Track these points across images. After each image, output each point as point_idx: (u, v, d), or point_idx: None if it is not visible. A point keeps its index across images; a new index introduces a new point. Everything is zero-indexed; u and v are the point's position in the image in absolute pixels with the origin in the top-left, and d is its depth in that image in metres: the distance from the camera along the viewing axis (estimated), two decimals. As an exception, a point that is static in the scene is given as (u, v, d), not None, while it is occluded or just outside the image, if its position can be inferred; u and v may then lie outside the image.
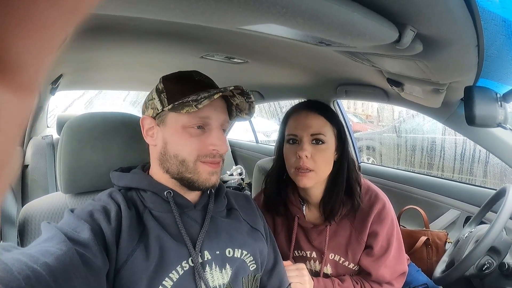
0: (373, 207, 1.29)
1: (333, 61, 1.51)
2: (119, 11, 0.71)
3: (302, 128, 1.26)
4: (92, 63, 1.94)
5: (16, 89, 0.14)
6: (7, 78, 0.14)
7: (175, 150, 0.93)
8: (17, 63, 0.14)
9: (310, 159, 1.24)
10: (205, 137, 0.93)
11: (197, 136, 0.92)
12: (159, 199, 0.96)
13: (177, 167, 0.93)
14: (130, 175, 1.00)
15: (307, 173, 1.25)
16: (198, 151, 0.92)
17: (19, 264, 0.57)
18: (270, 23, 0.69)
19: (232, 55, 1.67)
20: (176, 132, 0.93)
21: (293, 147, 1.29)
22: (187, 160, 0.92)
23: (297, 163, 1.25)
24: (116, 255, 0.82)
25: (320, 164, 1.25)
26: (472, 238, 1.40)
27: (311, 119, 1.27)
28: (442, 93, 1.26)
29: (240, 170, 3.55)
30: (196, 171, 0.93)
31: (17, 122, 0.15)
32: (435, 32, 0.78)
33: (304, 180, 1.25)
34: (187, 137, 0.92)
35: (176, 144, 0.93)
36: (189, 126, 0.92)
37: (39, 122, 2.89)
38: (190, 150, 0.92)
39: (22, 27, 0.14)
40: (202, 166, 0.93)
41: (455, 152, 4.20)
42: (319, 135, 1.25)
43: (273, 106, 5.73)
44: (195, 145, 0.92)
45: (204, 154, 0.92)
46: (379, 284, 1.31)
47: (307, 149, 1.24)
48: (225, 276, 0.96)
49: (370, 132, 6.70)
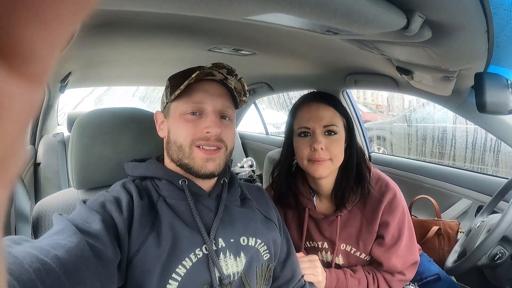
0: (383, 197, 1.28)
1: (342, 50, 1.50)
2: (126, 5, 0.72)
3: (315, 120, 1.25)
4: (100, 59, 1.96)
5: (27, 80, 0.15)
6: (19, 69, 0.14)
7: (174, 137, 0.97)
8: (29, 54, 0.14)
9: (325, 150, 1.23)
10: (200, 122, 0.95)
11: (192, 121, 0.95)
12: (174, 187, 0.97)
13: (177, 154, 0.96)
14: (145, 165, 1.03)
15: (324, 162, 1.24)
16: (192, 135, 0.94)
17: (29, 257, 0.57)
18: (277, 12, 0.68)
19: (240, 47, 1.67)
20: (175, 119, 0.97)
21: (306, 139, 1.27)
22: (183, 145, 0.95)
23: (312, 155, 1.24)
24: (128, 245, 0.83)
25: (335, 154, 1.24)
26: (484, 227, 1.39)
27: (323, 111, 1.26)
28: (452, 80, 1.24)
29: (250, 162, 3.55)
30: (191, 157, 0.94)
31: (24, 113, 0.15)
32: (443, 18, 0.77)
33: (320, 169, 1.24)
34: (183, 123, 0.95)
35: (175, 131, 0.97)
36: (185, 113, 0.95)
37: (50, 120, 2.91)
38: (186, 134, 0.94)
39: (34, 19, 0.14)
40: (197, 151, 0.94)
41: (467, 141, 4.15)
42: (331, 126, 1.24)
43: (282, 98, 5.71)
44: (190, 130, 0.94)
45: (198, 137, 0.94)
46: (391, 274, 1.31)
47: (322, 141, 1.23)
48: (239, 264, 0.97)
49: (380, 122, 6.64)
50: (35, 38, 0.14)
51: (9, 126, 0.14)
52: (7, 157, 0.15)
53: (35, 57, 0.14)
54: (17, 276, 0.52)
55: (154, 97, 6.02)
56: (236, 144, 3.93)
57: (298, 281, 1.17)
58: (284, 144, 1.42)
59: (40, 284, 0.54)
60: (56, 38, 0.15)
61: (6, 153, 0.15)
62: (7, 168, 0.15)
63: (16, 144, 0.15)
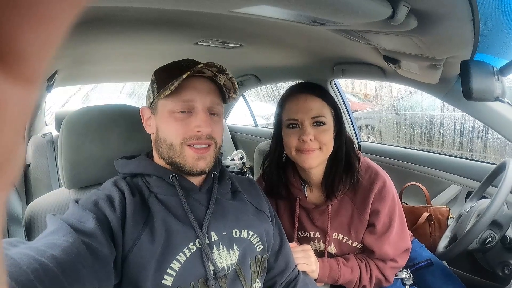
0: (373, 185, 1.29)
1: (329, 40, 1.51)
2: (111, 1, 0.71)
3: (303, 111, 1.25)
4: (86, 57, 1.93)
5: (21, 80, 0.14)
6: (12, 69, 0.14)
7: (164, 135, 0.96)
8: (23, 55, 0.14)
9: (314, 140, 1.23)
10: (190, 120, 0.94)
11: (182, 120, 0.94)
12: (165, 183, 0.97)
13: (167, 152, 0.96)
14: (135, 162, 1.02)
15: (313, 152, 1.24)
16: (183, 134, 0.93)
17: (26, 258, 0.57)
18: (263, 4, 0.68)
19: (227, 39, 1.66)
20: (164, 117, 0.96)
21: (294, 131, 1.27)
22: (174, 143, 0.94)
23: (301, 146, 1.25)
24: (122, 242, 0.83)
25: (324, 142, 1.25)
26: (474, 212, 1.40)
27: (311, 102, 1.26)
28: (439, 68, 1.25)
29: (240, 155, 3.55)
30: (182, 155, 0.94)
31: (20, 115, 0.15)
32: (428, 7, 0.77)
33: (309, 160, 1.25)
34: (173, 121, 0.94)
35: (164, 129, 0.96)
36: (174, 111, 0.94)
37: (37, 120, 2.88)
38: (176, 133, 0.94)
39: (28, 19, 0.14)
40: (188, 150, 0.94)
41: (455, 128, 4.19)
42: (320, 117, 1.25)
43: (270, 89, 5.72)
44: (180, 129, 0.94)
45: (189, 136, 0.94)
46: (383, 261, 1.32)
47: (311, 133, 1.23)
48: (233, 256, 0.97)
49: (369, 111, 6.68)
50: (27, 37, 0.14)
51: (5, 129, 0.14)
52: (4, 159, 0.15)
53: (29, 57, 0.14)
54: (15, 278, 0.52)
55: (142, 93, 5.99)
56: (226, 137, 3.92)
57: (292, 270, 1.18)
58: (274, 135, 1.42)
59: (38, 284, 0.54)
60: (49, 37, 0.15)
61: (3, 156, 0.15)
62: (4, 171, 0.15)
63: (13, 146, 0.15)
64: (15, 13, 0.13)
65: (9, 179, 0.15)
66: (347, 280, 1.31)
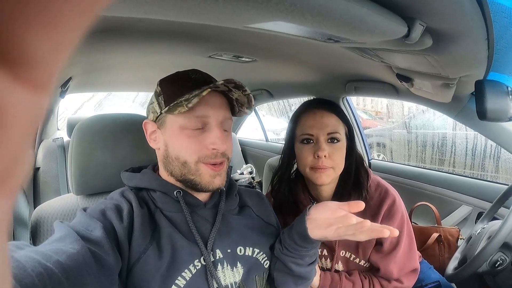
0: (383, 203, 1.28)
1: (342, 57, 1.51)
2: (127, 12, 0.72)
3: (319, 127, 1.25)
4: (101, 65, 1.96)
5: (31, 85, 0.14)
6: (22, 73, 0.14)
7: (176, 152, 0.92)
8: (33, 59, 0.14)
9: (328, 158, 1.23)
10: (204, 137, 0.91)
11: (195, 137, 0.91)
12: (169, 199, 0.95)
13: (179, 169, 0.93)
14: (140, 176, 1.00)
15: (326, 170, 1.24)
16: (198, 152, 0.90)
17: (32, 262, 0.57)
18: (278, 20, 0.68)
19: (240, 54, 1.67)
20: (174, 134, 0.92)
21: (308, 147, 1.27)
22: (188, 161, 0.91)
23: (315, 163, 1.25)
24: (128, 253, 0.83)
25: (338, 162, 1.25)
26: (485, 234, 1.38)
27: (327, 118, 1.26)
28: (452, 87, 1.25)
29: (250, 169, 3.54)
30: (198, 173, 0.91)
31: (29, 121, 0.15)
32: (444, 26, 0.77)
33: (323, 177, 1.24)
34: (185, 138, 0.90)
35: (176, 146, 0.92)
36: (186, 127, 0.90)
37: (50, 124, 2.91)
38: (190, 152, 0.90)
39: (39, 22, 0.13)
40: (204, 167, 0.91)
41: (466, 147, 4.16)
42: (335, 133, 1.25)
43: (282, 104, 5.73)
44: (194, 147, 0.90)
45: (204, 155, 0.91)
46: (388, 281, 1.31)
47: (326, 149, 1.23)
48: (236, 274, 0.96)
49: (380, 129, 6.66)
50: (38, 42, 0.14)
51: (13, 135, 0.14)
52: (12, 166, 0.15)
53: (39, 62, 0.14)
54: (20, 280, 0.52)
55: (154, 103, 6.01)
56: (236, 151, 3.93)
57: None
58: (285, 151, 1.42)
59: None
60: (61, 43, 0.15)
61: (10, 162, 0.15)
62: (11, 178, 0.15)
63: (20, 153, 0.15)
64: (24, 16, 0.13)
65: (15, 185, 0.15)
66: None
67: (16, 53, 0.13)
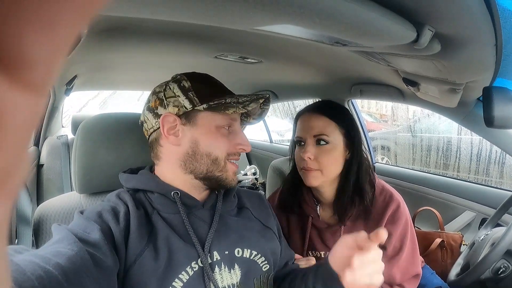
0: (387, 208, 1.28)
1: (348, 60, 1.51)
2: (134, 13, 0.72)
3: (306, 130, 1.30)
4: (106, 63, 1.96)
5: (27, 88, 0.14)
6: (18, 76, 0.14)
7: (208, 149, 0.94)
8: (29, 61, 0.14)
9: (314, 160, 1.26)
10: (232, 137, 0.97)
11: (226, 136, 0.96)
12: (167, 200, 0.95)
13: (207, 166, 0.95)
14: (137, 177, 1.00)
15: (311, 171, 1.27)
16: (227, 150, 0.96)
17: (31, 265, 0.58)
18: (286, 23, 0.68)
19: (246, 55, 1.67)
20: (210, 131, 0.94)
21: (300, 149, 1.32)
22: (219, 158, 0.95)
23: (303, 164, 1.28)
24: (125, 255, 0.83)
25: (325, 165, 1.26)
26: (488, 240, 1.38)
27: (313, 121, 1.29)
28: (459, 92, 1.24)
29: (254, 170, 3.54)
30: (225, 170, 0.97)
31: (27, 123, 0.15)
32: (453, 31, 0.77)
33: (310, 179, 1.28)
34: (220, 137, 0.95)
35: (210, 143, 0.95)
36: (222, 126, 0.95)
37: (54, 122, 2.93)
38: (222, 149, 0.95)
39: (34, 23, 0.13)
40: (230, 165, 0.98)
41: (471, 152, 4.15)
42: (321, 135, 1.27)
43: (286, 106, 5.72)
44: (226, 145, 0.95)
45: (232, 152, 0.97)
46: (390, 286, 1.30)
47: (310, 151, 1.26)
48: (234, 276, 0.96)
49: (385, 132, 6.64)
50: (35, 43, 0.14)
51: (10, 137, 0.14)
52: (10, 169, 0.14)
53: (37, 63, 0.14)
54: (20, 284, 0.52)
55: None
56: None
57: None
58: (290, 153, 1.46)
59: None
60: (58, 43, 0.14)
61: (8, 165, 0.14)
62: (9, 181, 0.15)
63: (19, 155, 0.15)
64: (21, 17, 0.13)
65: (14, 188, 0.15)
66: None
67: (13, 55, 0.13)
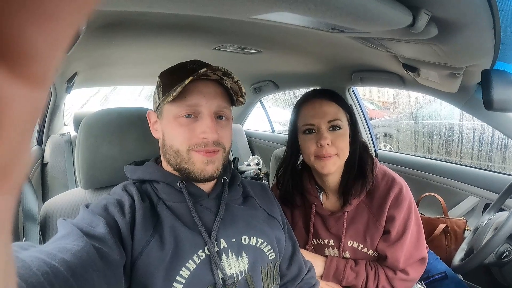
0: (390, 192, 1.28)
1: (347, 47, 1.50)
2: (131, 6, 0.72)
3: (319, 116, 1.25)
4: (106, 59, 1.96)
5: (27, 81, 0.14)
6: (20, 71, 0.14)
7: (170, 141, 0.94)
8: (29, 54, 0.14)
9: (331, 145, 1.23)
10: (195, 126, 0.91)
11: (187, 125, 0.91)
12: (173, 189, 0.96)
13: (174, 158, 0.94)
14: (143, 168, 1.01)
15: (331, 158, 1.24)
16: (188, 140, 0.91)
17: (37, 261, 0.58)
18: (282, 11, 0.68)
19: (245, 45, 1.67)
20: (169, 123, 0.93)
21: (311, 136, 1.27)
22: (180, 150, 0.92)
23: (319, 152, 1.25)
24: (131, 247, 0.83)
25: (341, 148, 1.25)
26: (491, 225, 1.38)
27: (326, 107, 1.27)
28: (459, 77, 1.23)
29: (257, 160, 3.54)
30: (191, 161, 0.92)
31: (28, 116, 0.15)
32: (449, 15, 0.77)
33: (329, 165, 1.24)
34: (178, 127, 0.92)
35: (170, 135, 0.94)
36: (179, 116, 0.91)
37: (56, 120, 2.93)
38: (182, 140, 0.91)
39: (34, 17, 0.13)
40: (196, 155, 0.91)
41: (473, 137, 4.13)
42: (336, 121, 1.25)
43: (288, 95, 5.71)
44: (186, 135, 0.91)
45: (195, 143, 0.91)
46: (393, 272, 1.30)
47: (328, 137, 1.23)
48: (241, 264, 0.96)
49: (387, 119, 6.61)
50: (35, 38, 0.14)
51: (11, 132, 0.14)
52: (12, 163, 0.15)
53: (37, 58, 0.14)
54: (25, 279, 0.52)
55: (160, 96, 6.03)
56: (243, 142, 3.94)
57: (305, 274, 1.17)
58: (289, 142, 1.42)
59: (49, 286, 0.55)
60: (58, 37, 0.14)
61: (10, 159, 0.14)
62: (11, 174, 0.15)
63: (20, 149, 0.15)
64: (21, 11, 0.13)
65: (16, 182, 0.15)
66: (351, 284, 1.30)
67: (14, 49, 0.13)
